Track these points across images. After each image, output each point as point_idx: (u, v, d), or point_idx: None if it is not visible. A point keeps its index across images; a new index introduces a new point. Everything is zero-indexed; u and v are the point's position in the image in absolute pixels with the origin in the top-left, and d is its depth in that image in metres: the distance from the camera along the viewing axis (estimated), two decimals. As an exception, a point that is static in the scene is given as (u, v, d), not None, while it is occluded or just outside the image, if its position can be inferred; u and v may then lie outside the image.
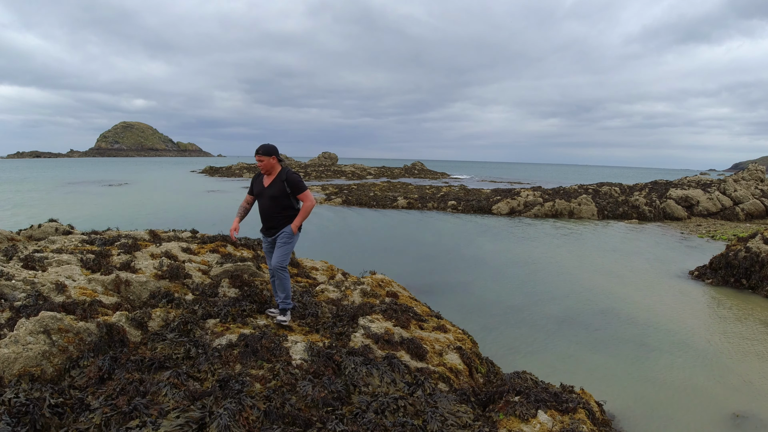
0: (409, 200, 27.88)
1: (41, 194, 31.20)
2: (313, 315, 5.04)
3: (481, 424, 3.39)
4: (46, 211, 21.16)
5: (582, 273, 11.98)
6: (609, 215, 24.15)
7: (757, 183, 27.13)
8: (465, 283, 10.81)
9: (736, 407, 5.46)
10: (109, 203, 26.59)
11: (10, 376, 3.18)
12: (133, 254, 6.13)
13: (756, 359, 6.83)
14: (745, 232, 18.42)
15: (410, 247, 15.22)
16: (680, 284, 11.04)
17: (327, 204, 27.52)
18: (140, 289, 5.10)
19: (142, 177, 55.04)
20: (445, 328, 5.44)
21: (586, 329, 7.97)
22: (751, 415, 5.31)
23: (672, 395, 5.77)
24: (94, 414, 2.81)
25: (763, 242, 10.89)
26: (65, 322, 3.67)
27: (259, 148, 4.72)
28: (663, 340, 7.48)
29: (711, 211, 24.87)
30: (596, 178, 64.95)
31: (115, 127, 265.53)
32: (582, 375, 6.18)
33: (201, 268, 6.19)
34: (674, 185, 28.98)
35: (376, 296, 6.02)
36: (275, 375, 3.58)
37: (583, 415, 3.74)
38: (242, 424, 2.88)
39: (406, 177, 60.51)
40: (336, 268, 8.01)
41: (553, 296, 9.86)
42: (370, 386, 3.67)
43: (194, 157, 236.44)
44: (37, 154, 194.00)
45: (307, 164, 72.23)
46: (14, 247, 5.86)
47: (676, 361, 6.74)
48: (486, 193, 31.85)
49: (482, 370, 4.99)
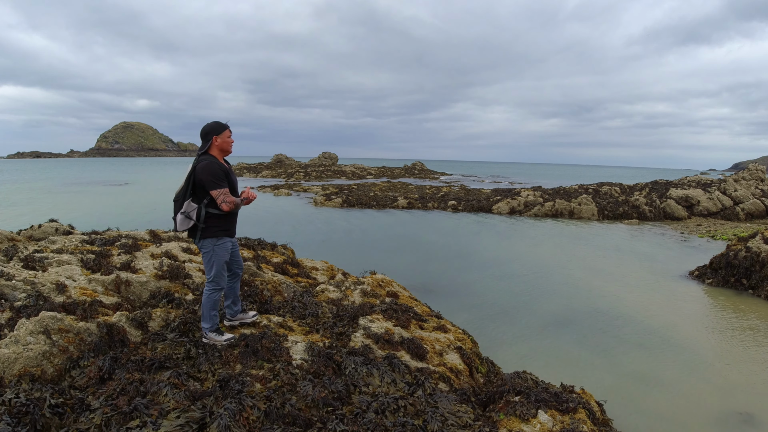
0: (410, 200, 27.87)
1: (41, 194, 31.21)
2: (313, 315, 5.04)
3: (482, 424, 3.39)
4: (46, 211, 21.17)
5: (582, 273, 11.98)
6: (609, 215, 24.14)
7: (757, 183, 27.12)
8: (465, 283, 10.80)
9: (736, 407, 5.46)
10: (109, 203, 26.60)
11: (11, 376, 3.18)
12: (133, 254, 6.13)
13: (756, 359, 6.82)
14: (745, 231, 18.42)
15: (410, 247, 15.22)
16: (680, 284, 11.03)
17: (327, 204, 27.51)
18: (140, 289, 5.10)
19: (143, 177, 55.04)
20: (445, 328, 5.43)
21: (587, 329, 7.97)
22: (752, 415, 5.31)
23: (672, 395, 5.77)
24: (94, 414, 2.81)
25: (764, 242, 10.88)
26: (65, 323, 3.67)
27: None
28: (663, 340, 7.48)
29: (711, 210, 24.86)
30: (596, 177, 64.95)
31: (115, 127, 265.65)
32: (582, 375, 6.18)
33: (201, 268, 6.19)
34: (674, 185, 28.97)
35: (377, 296, 6.02)
36: (275, 375, 3.58)
37: (584, 415, 3.73)
38: (242, 424, 2.88)
39: (406, 177, 60.51)
40: (336, 268, 8.01)
41: (554, 296, 9.85)
42: (370, 386, 3.67)
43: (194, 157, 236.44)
44: (37, 154, 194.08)
45: (307, 164, 72.23)
46: (14, 248, 5.86)
47: (676, 361, 6.73)
48: (486, 193, 31.85)
49: (482, 370, 4.99)
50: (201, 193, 3.82)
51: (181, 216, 3.78)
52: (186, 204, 3.78)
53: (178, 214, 3.80)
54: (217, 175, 3.80)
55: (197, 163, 3.84)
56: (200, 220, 3.82)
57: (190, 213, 3.79)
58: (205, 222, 3.85)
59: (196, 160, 3.89)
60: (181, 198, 3.81)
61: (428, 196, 30.97)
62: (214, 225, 3.88)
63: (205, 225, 3.86)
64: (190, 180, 3.80)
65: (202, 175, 3.77)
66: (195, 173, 3.78)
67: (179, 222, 3.81)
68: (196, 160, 3.88)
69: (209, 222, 3.86)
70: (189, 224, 3.82)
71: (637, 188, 29.61)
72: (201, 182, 3.78)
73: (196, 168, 3.79)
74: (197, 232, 3.86)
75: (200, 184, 3.79)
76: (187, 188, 3.79)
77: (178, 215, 3.80)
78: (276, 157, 73.44)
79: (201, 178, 3.77)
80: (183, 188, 3.81)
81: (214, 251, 3.91)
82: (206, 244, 3.90)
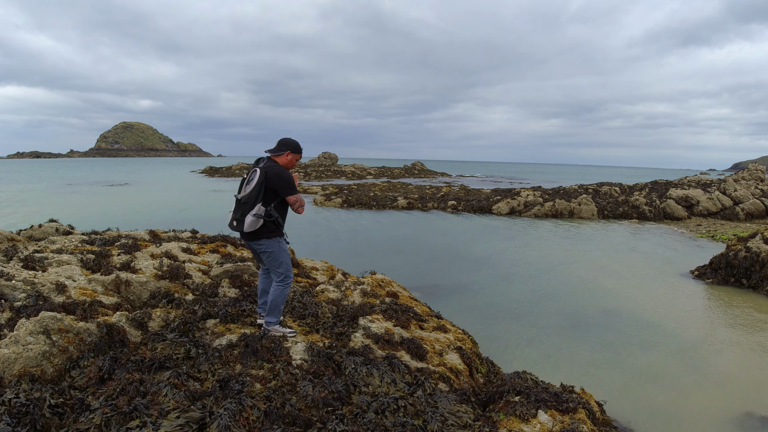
0: (410, 200, 27.87)
1: (41, 194, 31.21)
2: (313, 315, 5.04)
3: (482, 424, 3.39)
4: (46, 211, 21.17)
5: (582, 273, 11.98)
6: (609, 215, 24.15)
7: (757, 183, 27.12)
8: (465, 283, 10.81)
9: (737, 407, 5.47)
10: (109, 203, 26.60)
11: (11, 376, 3.18)
12: (133, 254, 6.13)
13: (756, 359, 6.83)
14: (745, 231, 18.42)
15: (410, 248, 15.21)
16: (680, 284, 11.03)
17: (327, 204, 27.51)
18: (140, 290, 5.10)
19: (142, 177, 55.04)
20: (445, 328, 5.43)
21: (586, 329, 7.97)
22: (753, 415, 5.31)
23: (672, 395, 5.77)
24: (94, 414, 2.81)
25: (763, 242, 10.88)
26: (65, 323, 3.67)
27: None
28: (663, 340, 7.48)
29: (711, 210, 24.87)
30: (597, 178, 64.96)
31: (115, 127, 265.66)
32: (582, 375, 6.18)
33: (201, 268, 6.19)
34: (674, 185, 28.97)
35: (377, 296, 6.02)
36: (275, 375, 3.58)
37: (584, 415, 3.74)
38: (242, 424, 2.88)
39: (406, 177, 60.50)
40: (336, 268, 8.01)
41: (553, 296, 9.86)
42: (370, 386, 3.67)
43: (194, 157, 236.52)
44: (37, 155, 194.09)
45: (307, 164, 72.22)
46: (14, 248, 5.86)
47: (676, 361, 6.73)
48: (486, 193, 31.85)
49: (482, 370, 4.99)
50: (270, 197, 4.08)
51: (253, 217, 4.01)
52: (257, 207, 4.01)
53: (249, 215, 4.01)
54: (291, 183, 4.13)
55: (268, 169, 4.08)
56: (270, 220, 4.11)
57: (261, 214, 4.03)
58: (271, 224, 4.13)
59: (264, 165, 4.13)
60: (252, 200, 4.02)
61: (428, 196, 30.97)
62: (278, 226, 4.21)
63: (271, 227, 4.15)
64: (262, 185, 4.04)
65: (276, 182, 4.05)
66: (267, 179, 4.03)
67: (249, 223, 4.02)
68: (265, 165, 4.11)
69: (275, 224, 4.16)
70: (258, 224, 4.04)
71: (637, 188, 29.61)
72: (274, 188, 4.05)
73: (268, 174, 4.04)
74: (262, 232, 4.11)
75: (272, 189, 4.05)
76: (259, 192, 4.03)
77: (249, 216, 4.01)
78: (276, 157, 73.36)
79: (276, 184, 4.05)
80: (254, 192, 4.03)
81: (280, 248, 4.21)
82: (272, 244, 4.18)
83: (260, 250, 4.20)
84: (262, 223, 4.05)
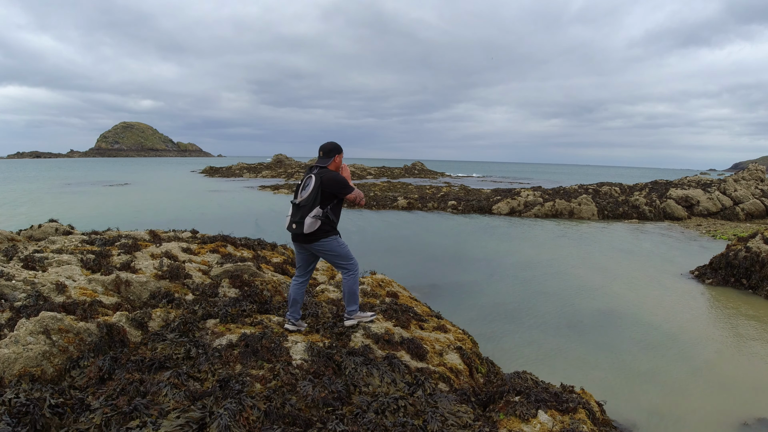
0: (409, 200, 27.86)
1: (41, 194, 31.21)
2: (313, 315, 5.04)
3: (482, 424, 3.39)
4: (46, 211, 21.17)
5: (582, 273, 11.98)
6: (609, 215, 24.15)
7: (757, 183, 27.12)
8: (465, 283, 10.81)
9: (737, 408, 5.46)
10: (109, 203, 26.60)
11: (11, 376, 3.18)
12: (133, 254, 6.13)
13: (756, 359, 6.83)
14: (745, 231, 18.42)
15: (410, 248, 15.21)
16: (680, 284, 11.03)
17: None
18: (140, 290, 5.10)
19: (143, 177, 55.03)
20: (445, 328, 5.43)
21: (586, 329, 7.97)
22: (753, 415, 5.31)
23: (673, 395, 5.77)
24: (94, 414, 2.81)
25: (764, 242, 10.88)
26: (65, 323, 3.67)
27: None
28: (663, 340, 7.48)
29: (711, 210, 24.86)
30: (597, 178, 64.95)
31: (115, 127, 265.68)
32: (582, 375, 6.18)
33: (201, 268, 6.19)
34: (674, 185, 28.96)
35: (376, 296, 6.02)
36: (275, 375, 3.58)
37: (584, 415, 3.74)
38: (242, 424, 2.88)
39: (406, 177, 60.48)
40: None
41: (553, 296, 9.86)
42: (370, 386, 3.67)
43: (194, 158, 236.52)
44: (37, 155, 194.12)
45: (308, 164, 72.23)
46: (14, 248, 5.86)
47: (676, 361, 6.73)
48: (486, 193, 31.84)
49: (482, 370, 4.99)
50: (326, 200, 4.39)
51: (312, 219, 4.32)
52: (315, 209, 4.32)
53: (308, 217, 4.31)
54: (346, 183, 4.46)
55: (323, 174, 4.38)
56: (327, 221, 4.41)
57: (319, 215, 4.33)
58: (327, 225, 4.44)
59: (319, 172, 4.41)
60: (310, 204, 4.33)
61: (428, 196, 30.97)
62: (334, 226, 4.53)
63: (327, 227, 4.45)
64: (318, 190, 4.33)
65: (333, 186, 4.36)
66: (323, 184, 4.34)
67: (309, 224, 4.32)
68: (319, 173, 4.40)
69: (331, 225, 4.48)
70: (317, 225, 4.34)
71: (637, 188, 29.61)
72: (331, 191, 4.37)
73: (323, 179, 4.35)
74: (320, 233, 4.41)
75: (329, 192, 4.36)
76: (316, 196, 4.33)
77: (308, 218, 4.31)
78: (276, 157, 73.44)
79: (333, 188, 4.36)
80: (312, 196, 4.33)
81: (338, 244, 4.51)
82: (330, 243, 4.48)
83: (321, 250, 4.48)
84: (319, 225, 4.34)
